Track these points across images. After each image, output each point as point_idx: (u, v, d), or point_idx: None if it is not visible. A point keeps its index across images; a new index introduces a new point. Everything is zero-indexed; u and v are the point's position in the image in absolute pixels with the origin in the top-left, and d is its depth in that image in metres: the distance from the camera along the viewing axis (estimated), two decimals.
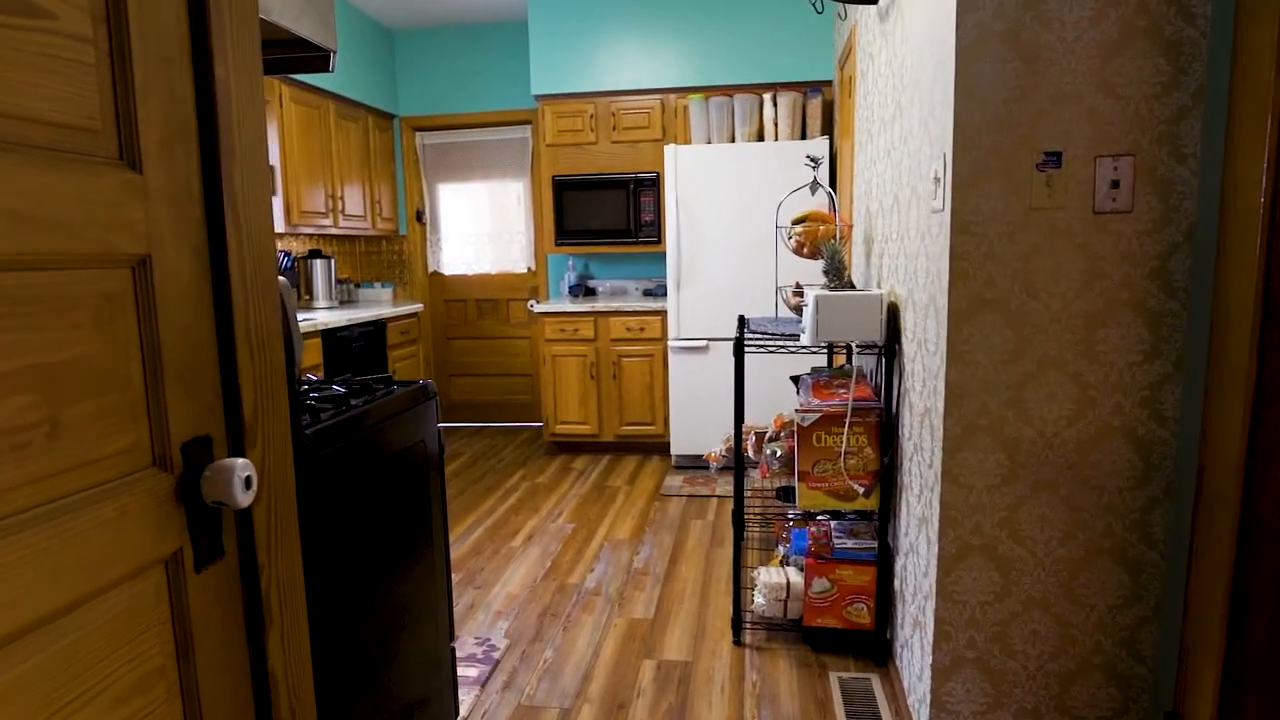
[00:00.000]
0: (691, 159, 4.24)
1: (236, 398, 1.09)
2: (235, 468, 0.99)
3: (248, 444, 1.10)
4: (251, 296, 1.12)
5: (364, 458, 1.66)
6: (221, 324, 1.07)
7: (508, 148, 5.41)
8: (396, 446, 1.81)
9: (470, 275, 5.61)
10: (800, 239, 2.83)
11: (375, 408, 1.73)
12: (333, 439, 1.53)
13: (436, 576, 2.03)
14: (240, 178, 1.09)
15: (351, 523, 1.59)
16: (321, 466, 1.49)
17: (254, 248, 1.12)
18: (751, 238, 4.23)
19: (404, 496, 1.85)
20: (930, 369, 1.86)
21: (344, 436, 1.58)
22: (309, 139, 4.33)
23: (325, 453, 1.50)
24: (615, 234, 4.80)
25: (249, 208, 1.11)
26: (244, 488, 0.99)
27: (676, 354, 4.40)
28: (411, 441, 1.89)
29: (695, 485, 4.17)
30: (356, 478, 1.61)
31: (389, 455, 1.77)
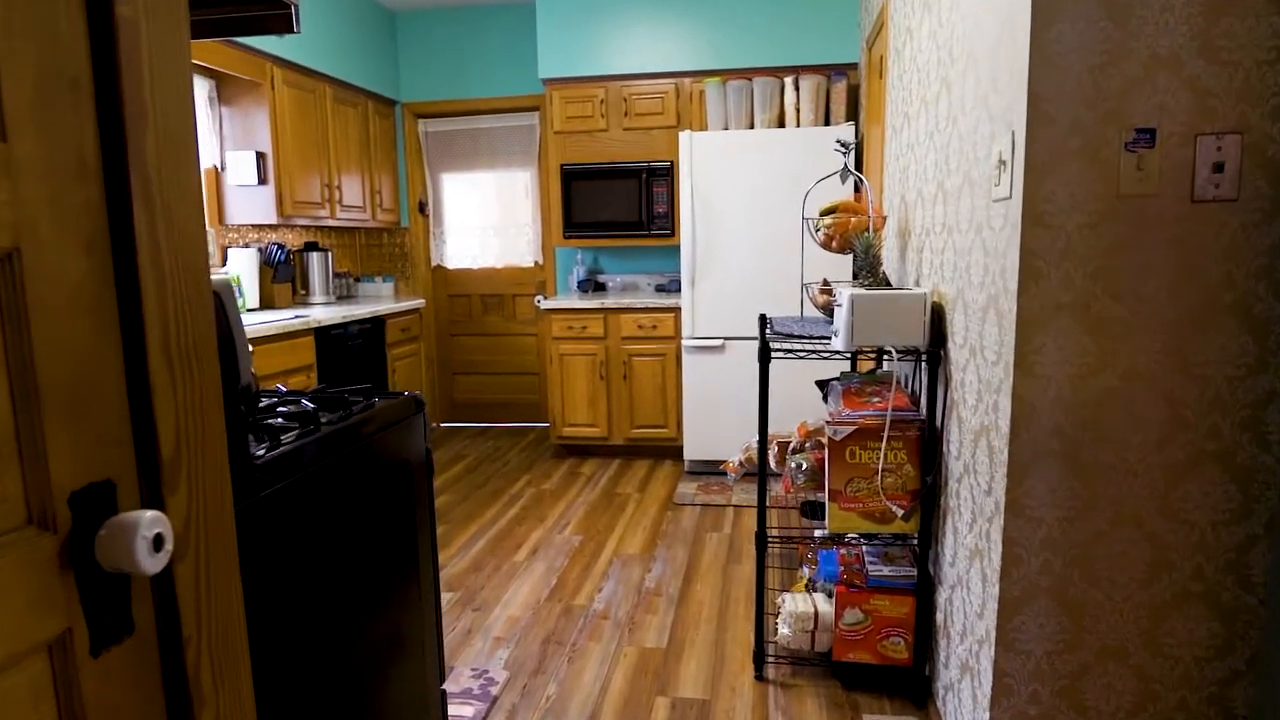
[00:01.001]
0: (708, 146, 4.00)
1: (151, 429, 0.86)
2: (138, 524, 0.76)
3: (167, 487, 0.87)
4: (173, 300, 0.89)
5: (334, 485, 1.43)
6: (130, 336, 0.84)
7: (514, 135, 5.17)
8: (376, 468, 1.58)
9: (475, 269, 5.38)
10: (829, 231, 2.58)
11: (349, 426, 1.51)
12: (293, 467, 1.31)
13: (424, 612, 1.81)
14: (155, 148, 0.85)
15: (319, 560, 1.37)
16: (279, 500, 1.26)
17: (176, 238, 0.89)
18: (772, 230, 3.98)
19: (385, 525, 1.62)
20: (989, 381, 1.62)
21: (309, 463, 1.35)
22: (303, 124, 4.11)
23: (284, 483, 1.28)
24: (627, 226, 4.56)
25: (168, 187, 0.87)
26: (150, 550, 0.77)
27: (691, 353, 4.16)
28: (395, 461, 1.66)
29: (710, 493, 3.94)
30: (325, 509, 1.39)
31: (366, 479, 1.54)
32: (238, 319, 1.31)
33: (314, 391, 1.73)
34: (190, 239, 0.90)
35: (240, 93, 3.86)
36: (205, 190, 3.98)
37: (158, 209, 0.85)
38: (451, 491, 4.07)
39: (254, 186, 3.91)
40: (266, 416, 1.44)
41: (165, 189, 0.86)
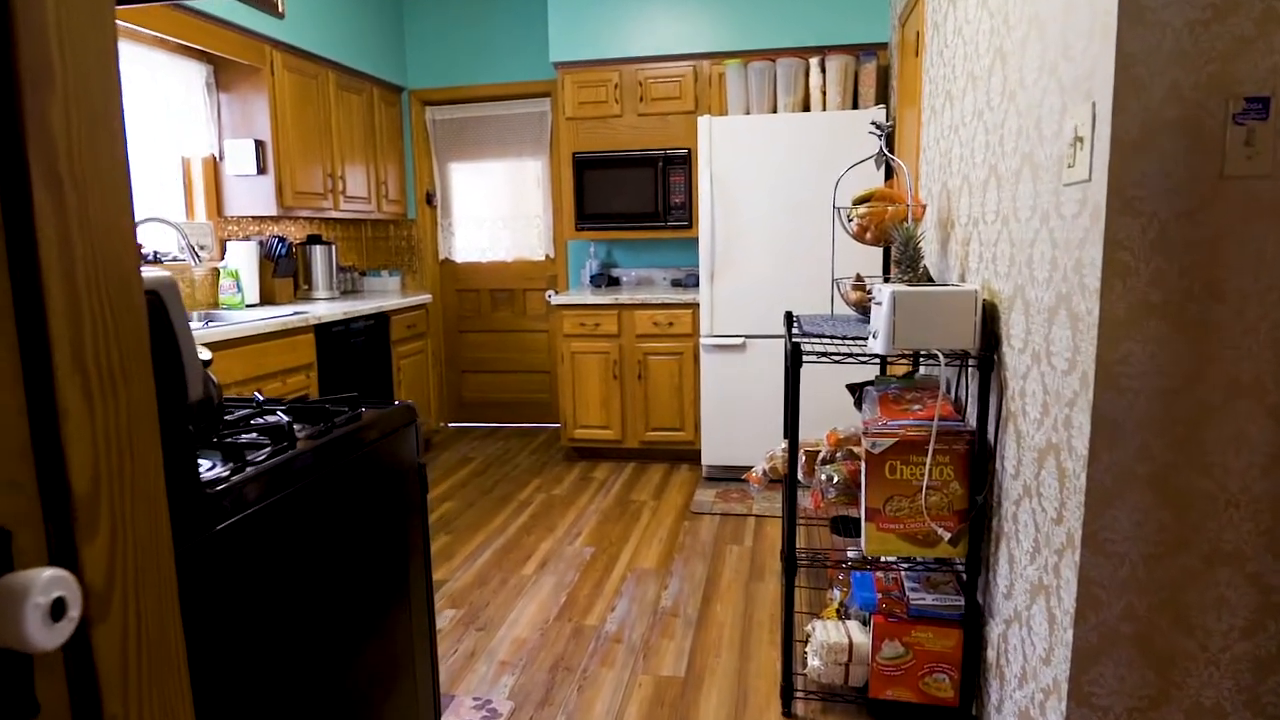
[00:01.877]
0: (728, 132, 3.78)
1: (60, 464, 0.67)
2: (27, 590, 0.58)
3: (82, 533, 0.68)
4: (90, 305, 0.69)
5: (312, 509, 1.24)
6: (31, 349, 0.65)
7: (525, 123, 4.97)
8: (361, 487, 1.39)
9: (484, 263, 5.19)
10: (863, 222, 2.36)
11: (330, 442, 1.31)
12: (261, 492, 1.12)
13: (416, 641, 1.62)
14: (65, 120, 0.66)
15: (294, 593, 1.18)
16: (243, 531, 1.07)
17: (93, 229, 0.69)
18: (797, 221, 3.76)
19: (372, 549, 1.43)
20: (1059, 393, 1.40)
21: (281, 486, 1.16)
22: (305, 111, 3.93)
23: (248, 512, 1.09)
24: (641, 217, 4.35)
25: (83, 168, 0.68)
26: (45, 620, 0.58)
27: (709, 352, 3.95)
28: (383, 479, 1.47)
29: (729, 501, 3.73)
30: (300, 536, 1.20)
31: (350, 500, 1.35)
32: (184, 323, 1.12)
33: (293, 401, 1.54)
34: (113, 231, 0.71)
35: (239, 78, 3.68)
36: (203, 180, 3.82)
37: (68, 195, 0.66)
38: (458, 497, 3.89)
39: (253, 176, 3.74)
40: (236, 432, 1.26)
41: (79, 170, 0.67)
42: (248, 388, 3.06)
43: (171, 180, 3.66)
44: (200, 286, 3.70)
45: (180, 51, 3.50)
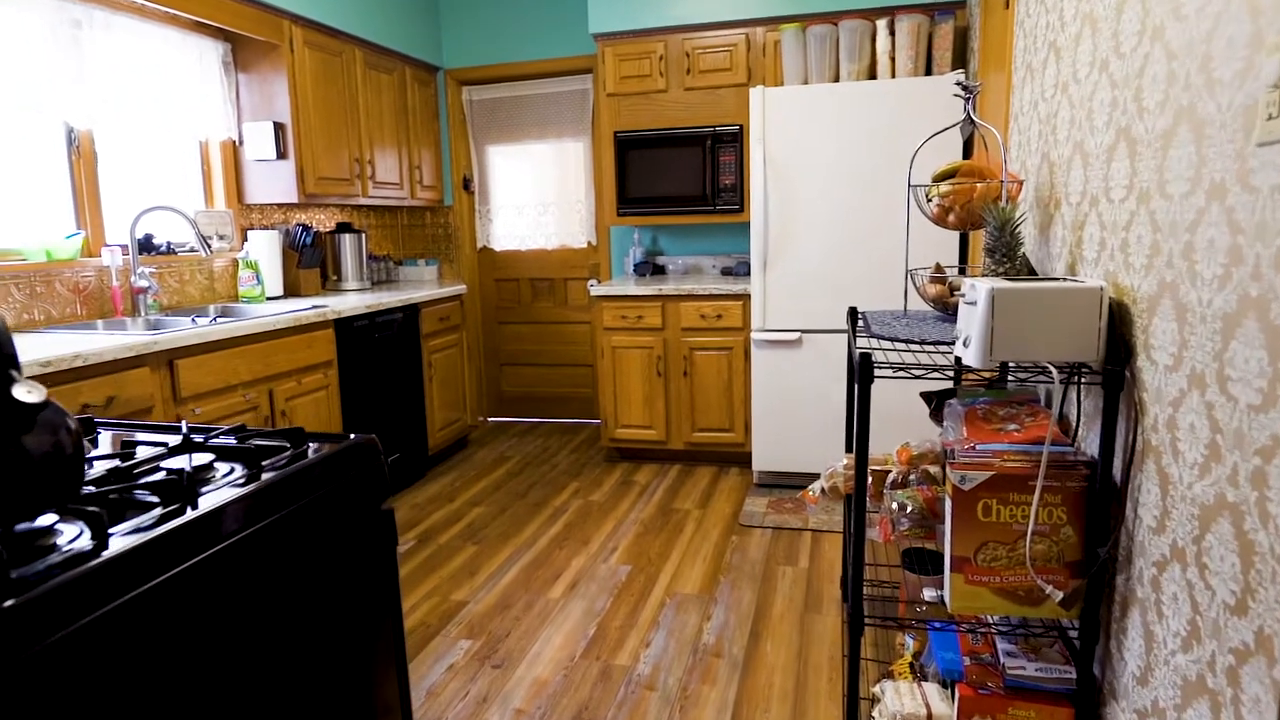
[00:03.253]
0: (784, 104, 3.39)
1: None
2: None
3: None
4: None
5: (216, 594, 0.94)
6: None
7: (566, 102, 4.65)
8: (298, 552, 1.10)
9: (524, 251, 4.91)
10: (946, 201, 1.98)
11: (248, 498, 1.02)
12: (116, 583, 0.82)
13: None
14: None
15: None
16: (74, 649, 0.77)
17: None
18: (861, 203, 3.36)
19: (314, 633, 1.13)
20: (1245, 435, 1.02)
21: (160, 568, 0.87)
22: (328, 92, 3.68)
23: (92, 618, 0.79)
24: (688, 201, 3.99)
25: None
26: None
27: (761, 348, 3.59)
28: (332, 537, 1.17)
29: (782, 512, 3.38)
30: (196, 635, 0.90)
31: (282, 572, 1.05)
32: None
33: (224, 433, 1.25)
34: None
35: (257, 56, 3.45)
36: (222, 166, 3.61)
37: None
38: (490, 501, 3.63)
39: (272, 161, 3.50)
40: (125, 486, 0.97)
41: None
42: (257, 389, 2.82)
43: (190, 166, 3.45)
44: (220, 278, 3.49)
45: (195, 29, 3.28)
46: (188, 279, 3.32)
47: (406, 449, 3.80)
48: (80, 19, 2.79)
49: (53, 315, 2.75)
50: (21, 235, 2.74)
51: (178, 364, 2.48)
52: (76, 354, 2.13)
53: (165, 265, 3.20)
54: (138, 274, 2.95)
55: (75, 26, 2.77)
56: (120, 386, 2.28)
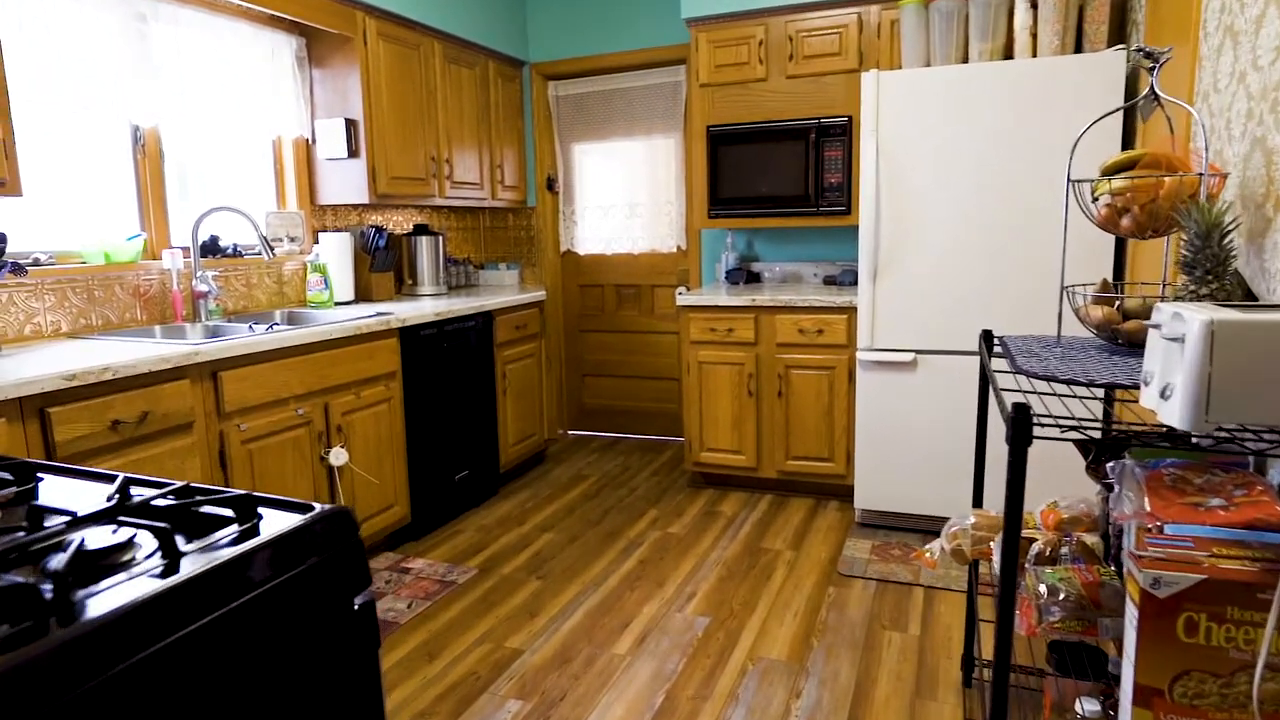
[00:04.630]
0: (903, 90, 2.96)
1: None
2: None
3: None
4: None
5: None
6: None
7: (657, 95, 4.33)
8: (237, 670, 0.80)
9: (609, 255, 4.62)
10: (1121, 200, 1.54)
11: (149, 606, 0.73)
12: None
13: None
14: None
15: None
16: None
17: None
18: (994, 203, 2.89)
19: None
20: None
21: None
22: (404, 87, 3.49)
23: None
24: (788, 201, 3.60)
25: None
26: None
27: (868, 369, 3.16)
28: (286, 646, 0.88)
29: (888, 560, 2.94)
30: None
31: (209, 699, 0.76)
32: None
33: (168, 492, 0.98)
34: None
35: (330, 50, 3.29)
36: (294, 165, 3.47)
37: None
38: (561, 528, 3.34)
39: (343, 160, 3.34)
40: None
41: None
42: (311, 403, 2.62)
43: (262, 165, 3.32)
44: (289, 282, 3.35)
45: (267, 23, 3.14)
46: (255, 283, 3.18)
47: (476, 466, 3.57)
48: (146, 13, 2.67)
49: (111, 320, 2.64)
50: (83, 237, 2.64)
51: (222, 376, 2.30)
52: (106, 366, 1.96)
53: (231, 269, 3.07)
54: (198, 278, 2.82)
55: (140, 20, 2.65)
56: (156, 401, 2.10)
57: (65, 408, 1.89)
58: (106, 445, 1.99)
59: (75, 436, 1.91)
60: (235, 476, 2.36)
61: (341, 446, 2.74)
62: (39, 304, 2.42)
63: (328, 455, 2.68)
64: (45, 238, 2.54)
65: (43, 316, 2.44)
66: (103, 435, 1.97)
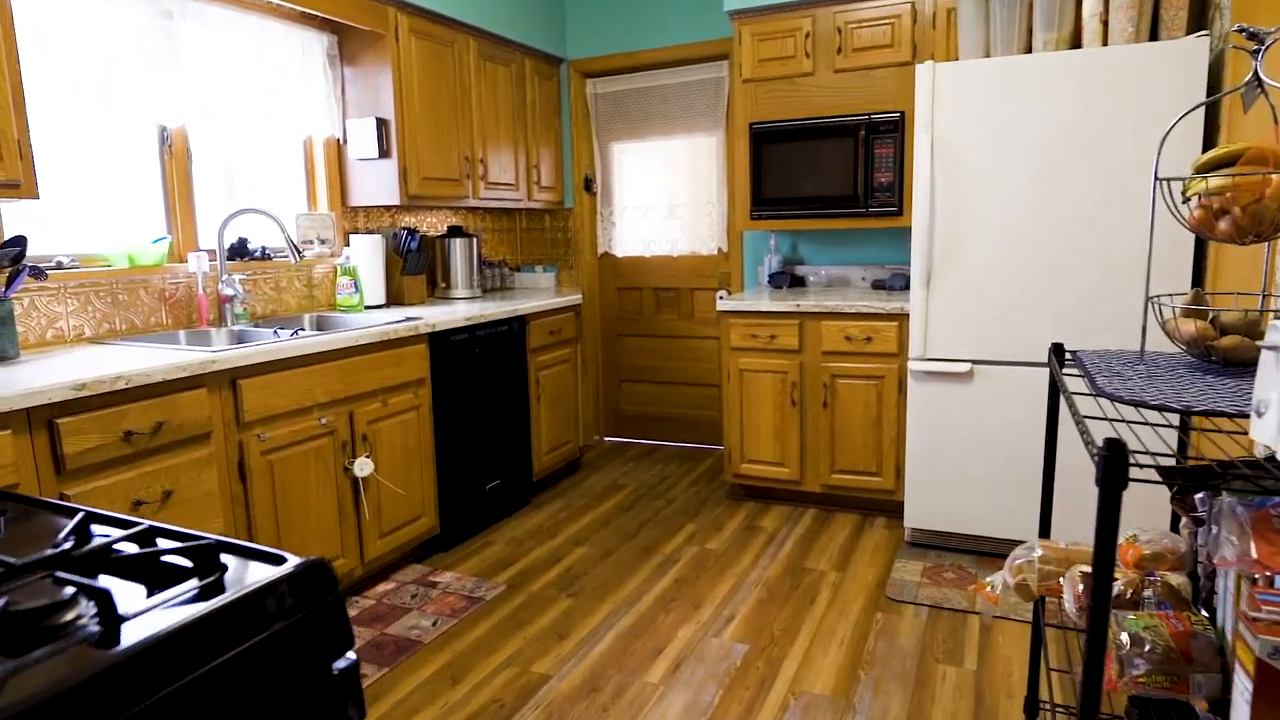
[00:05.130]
0: (961, 82, 2.77)
1: None
2: None
3: None
4: None
5: None
6: None
7: (698, 92, 4.18)
8: None
9: (648, 257, 4.48)
10: (1223, 199, 1.35)
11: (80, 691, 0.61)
12: None
13: None
14: None
15: None
16: None
17: None
18: (1059, 203, 2.68)
19: None
20: None
21: None
22: (437, 85, 3.40)
23: None
24: (835, 202, 3.42)
25: None
26: None
27: (920, 380, 2.97)
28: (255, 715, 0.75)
29: (941, 584, 2.75)
30: None
31: None
32: None
33: (112, 541, 0.86)
34: None
35: (362, 47, 3.21)
36: (325, 166, 3.41)
37: None
38: (594, 541, 3.22)
39: (374, 160, 3.26)
40: None
41: None
42: (335, 411, 2.54)
43: (293, 166, 3.26)
44: (319, 285, 3.28)
45: (297, 20, 3.07)
46: (284, 286, 3.12)
47: (508, 475, 3.46)
48: (172, 10, 2.61)
49: (135, 325, 2.59)
50: (107, 240, 2.59)
51: (241, 384, 2.22)
52: (118, 375, 1.89)
53: (260, 271, 3.00)
54: (224, 281, 2.75)
55: (167, 18, 2.60)
56: (171, 410, 2.03)
57: (75, 418, 1.81)
58: (120, 457, 1.92)
59: (85, 448, 1.83)
60: (255, 488, 2.28)
61: (367, 456, 2.65)
62: (61, 308, 2.38)
63: (352, 466, 2.59)
64: (69, 240, 2.50)
65: (65, 321, 2.39)
66: (115, 446, 1.90)
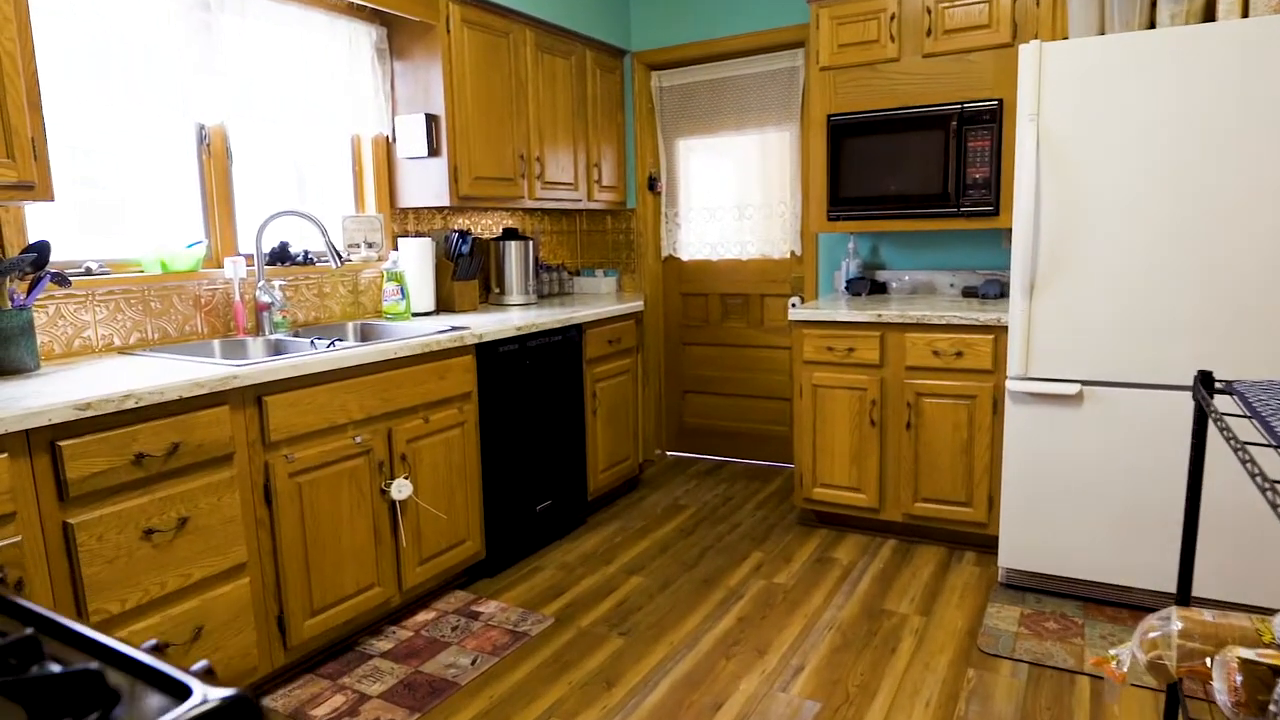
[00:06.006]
0: (1072, 65, 2.41)
1: None
2: None
3: None
4: None
5: None
6: None
7: (771, 83, 3.89)
8: None
9: (715, 261, 4.21)
10: None
11: None
12: None
13: None
14: None
15: None
16: None
17: None
18: (1196, 201, 2.30)
19: None
20: None
21: None
22: (491, 79, 3.20)
23: None
24: (922, 201, 3.09)
25: None
26: None
27: (1020, 401, 2.62)
28: None
29: (1043, 637, 2.40)
30: None
31: None
32: None
33: None
34: None
35: (412, 39, 3.04)
36: (373, 166, 3.26)
37: None
38: (651, 569, 2.97)
39: (423, 160, 3.08)
40: None
41: None
42: (372, 429, 2.36)
43: (340, 166, 3.12)
44: (366, 291, 3.13)
45: (344, 10, 2.92)
46: (329, 292, 2.98)
47: (561, 495, 3.24)
48: (210, 1, 2.48)
49: (168, 334, 2.46)
50: (142, 244, 2.47)
51: (267, 401, 2.05)
52: (127, 393, 1.73)
53: (303, 277, 2.86)
54: (260, 287, 2.61)
55: (204, 10, 2.46)
56: (189, 430, 1.87)
57: (80, 440, 1.66)
58: (130, 482, 1.77)
59: (91, 473, 1.68)
60: (281, 513, 2.11)
61: (405, 477, 2.46)
62: (89, 316, 2.26)
63: (389, 488, 2.41)
64: (102, 246, 2.39)
65: (93, 330, 2.27)
66: (125, 470, 1.75)
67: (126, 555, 1.76)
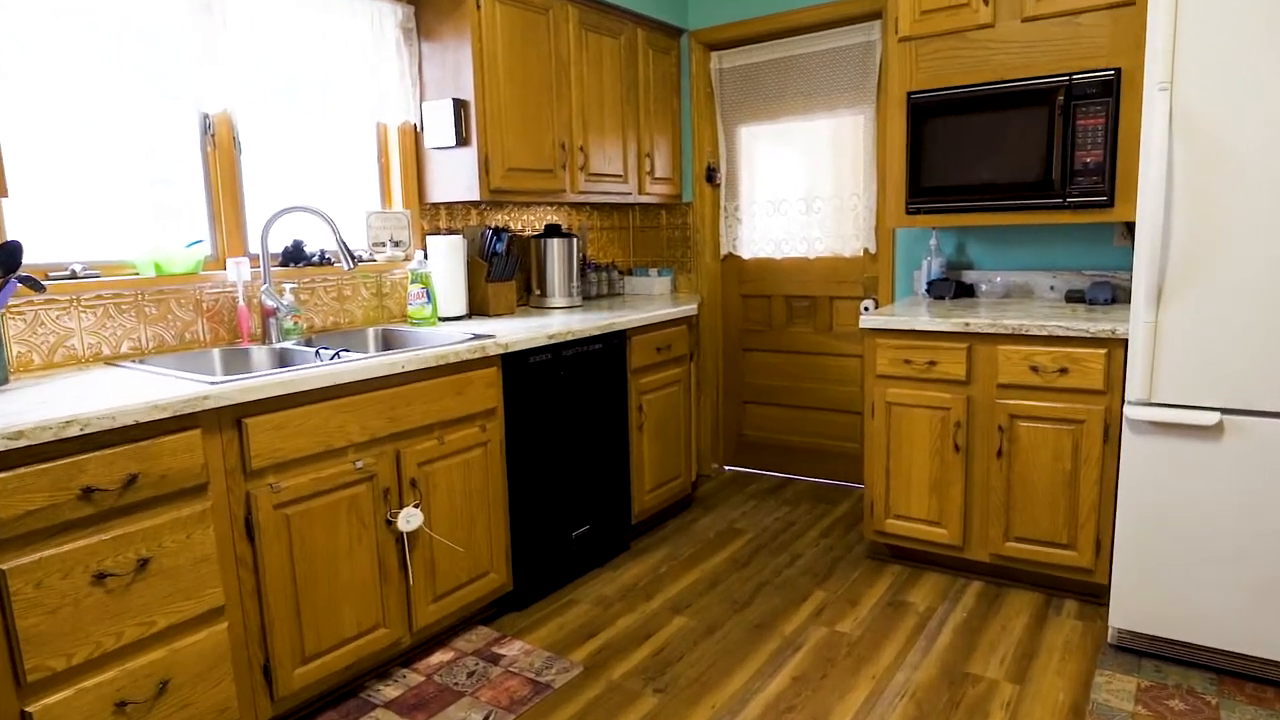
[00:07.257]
0: (1216, 23, 1.95)
1: None
2: None
3: None
4: None
5: None
6: None
7: (842, 60, 3.48)
8: None
9: (779, 260, 3.83)
10: None
11: None
12: None
13: None
14: None
15: None
16: None
17: None
18: None
19: None
20: None
21: None
22: (528, 61, 2.91)
23: None
24: (1018, 190, 2.65)
25: None
26: None
27: (1141, 431, 2.17)
28: None
29: (1166, 716, 1.96)
30: None
31: None
32: None
33: None
34: None
35: (440, 19, 2.77)
36: (401, 156, 3.00)
37: None
38: (696, 608, 2.63)
39: (451, 150, 2.82)
40: None
41: None
42: (376, 452, 2.09)
43: (365, 158, 2.88)
44: (391, 294, 2.89)
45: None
46: (349, 295, 2.74)
47: (600, 519, 2.94)
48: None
49: (166, 341, 2.25)
50: (138, 245, 2.27)
51: (248, 423, 1.80)
52: (70, 419, 1.50)
53: (320, 279, 2.63)
54: (265, 290, 2.38)
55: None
56: (151, 459, 1.63)
57: (11, 474, 1.44)
58: (76, 520, 1.54)
59: (25, 511, 1.46)
60: (266, 550, 1.86)
61: (415, 506, 2.19)
62: (74, 323, 2.06)
63: (396, 518, 2.14)
64: (91, 246, 2.19)
65: (79, 339, 2.07)
66: (70, 507, 1.51)
67: (72, 604, 1.53)
